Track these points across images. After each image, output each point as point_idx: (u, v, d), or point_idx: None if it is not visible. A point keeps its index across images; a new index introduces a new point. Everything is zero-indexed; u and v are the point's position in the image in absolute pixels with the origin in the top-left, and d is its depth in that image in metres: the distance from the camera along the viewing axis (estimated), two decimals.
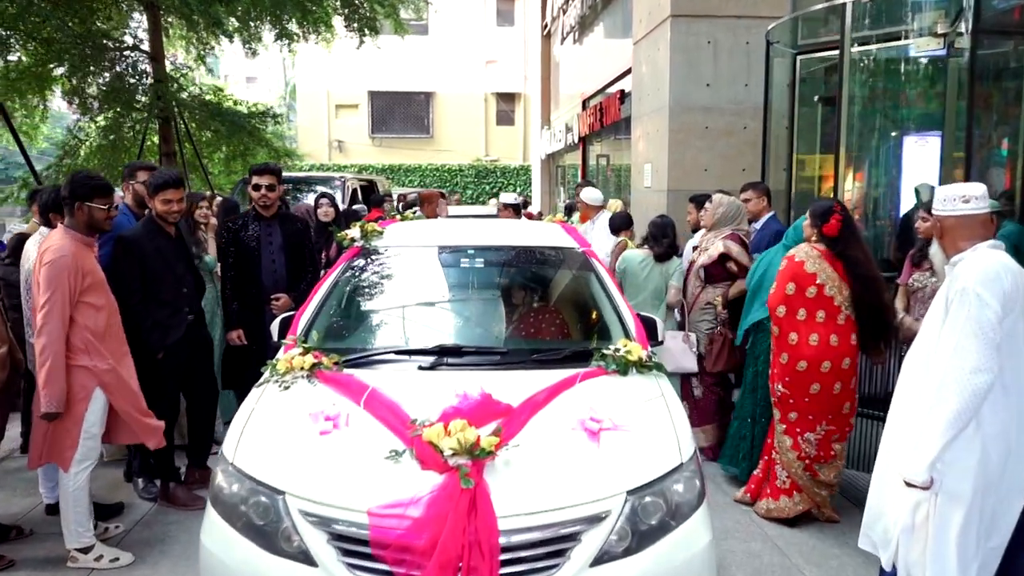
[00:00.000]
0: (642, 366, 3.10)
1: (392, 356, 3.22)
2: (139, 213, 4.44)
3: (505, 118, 28.42)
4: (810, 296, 3.96)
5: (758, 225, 5.41)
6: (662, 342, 3.65)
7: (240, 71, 51.70)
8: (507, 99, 28.16)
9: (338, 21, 15.68)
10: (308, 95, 27.23)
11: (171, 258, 4.10)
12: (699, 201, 5.45)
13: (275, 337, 3.49)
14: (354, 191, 11.33)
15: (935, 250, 2.94)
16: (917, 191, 5.82)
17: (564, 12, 16.70)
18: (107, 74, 13.34)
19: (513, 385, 2.85)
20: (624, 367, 3.06)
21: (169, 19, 13.93)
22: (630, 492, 2.43)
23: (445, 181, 26.69)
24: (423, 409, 2.62)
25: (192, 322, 4.22)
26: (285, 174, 14.43)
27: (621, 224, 6.41)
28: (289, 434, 2.64)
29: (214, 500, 2.55)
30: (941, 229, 2.80)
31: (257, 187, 4.67)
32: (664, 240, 5.28)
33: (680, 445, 2.65)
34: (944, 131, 5.83)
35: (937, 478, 2.55)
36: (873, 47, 5.79)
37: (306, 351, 3.08)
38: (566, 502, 2.35)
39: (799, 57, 6.44)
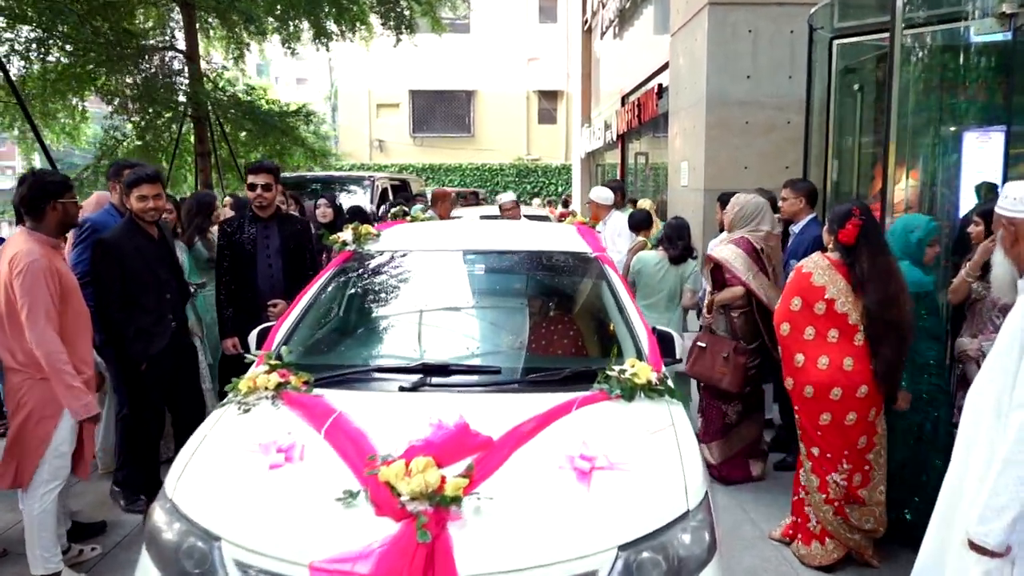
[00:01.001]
0: (651, 390, 2.71)
1: (372, 374, 2.89)
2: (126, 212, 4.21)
3: (547, 116, 28.05)
4: (819, 312, 3.49)
5: (796, 228, 4.95)
6: (680, 360, 3.25)
7: (290, 73, 52.44)
8: (549, 97, 27.79)
9: (375, 20, 15.59)
10: (349, 95, 27.26)
11: (153, 261, 3.85)
12: (724, 200, 5.03)
13: (252, 348, 3.20)
14: (384, 191, 11.06)
15: (1000, 261, 2.44)
16: (978, 190, 5.28)
17: (604, 6, 16.24)
18: (142, 73, 13.40)
19: (501, 411, 2.49)
20: (630, 392, 2.67)
21: (208, 19, 13.94)
22: (623, 547, 2.04)
23: (486, 181, 26.45)
24: (393, 440, 2.28)
25: (176, 329, 3.96)
26: (311, 174, 14.32)
27: (640, 223, 6.04)
28: (235, 467, 2.32)
29: (149, 542, 2.24)
30: (1015, 235, 2.33)
31: (253, 187, 4.39)
32: (679, 242, 5.07)
33: (688, 488, 2.24)
34: (1010, 125, 5.27)
35: (1015, 545, 2.10)
36: (927, 30, 5.26)
37: (272, 368, 2.76)
38: (543, 559, 1.97)
39: (836, 42, 5.94)
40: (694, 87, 7.94)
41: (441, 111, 27.65)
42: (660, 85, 10.58)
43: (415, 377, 2.80)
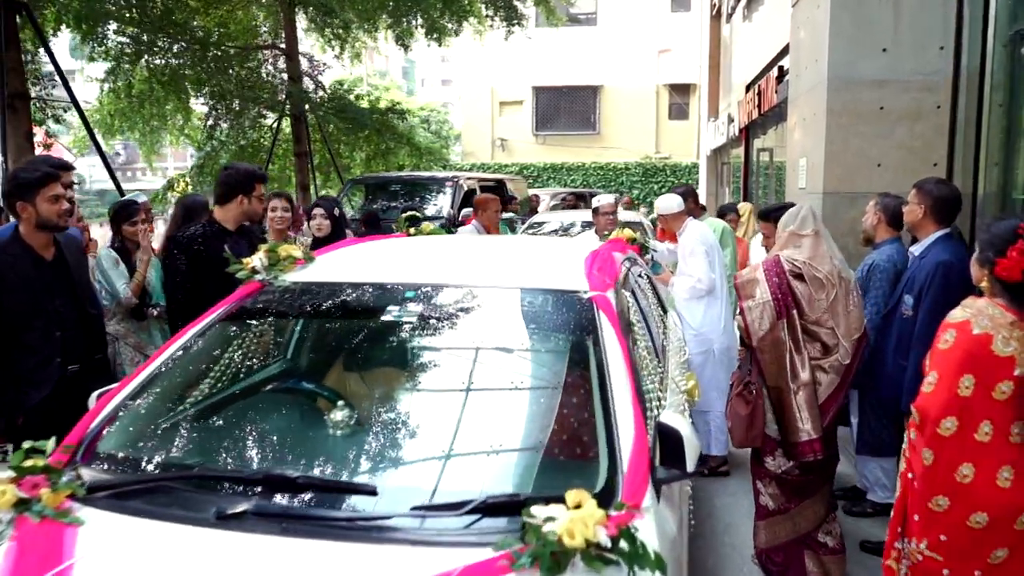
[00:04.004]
0: (595, 559, 1.54)
1: (184, 487, 1.89)
2: None
3: (678, 111, 26.30)
4: (1000, 398, 2.15)
5: (916, 250, 3.53)
6: (692, 473, 2.02)
7: (436, 74, 53.38)
8: (681, 91, 26.01)
9: (484, 11, 14.84)
10: (471, 93, 26.73)
11: (40, 291, 3.04)
12: (772, 216, 3.74)
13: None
14: (470, 193, 10.13)
15: None
16: None
17: None
18: (246, 71, 13.29)
19: None
20: (549, 565, 1.51)
21: (317, 19, 13.64)
22: None
23: (610, 180, 25.14)
24: None
25: (74, 376, 3.13)
26: (390, 174, 13.69)
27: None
28: None
29: None
30: None
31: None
32: None
33: None
34: None
35: None
36: None
37: (20, 473, 1.82)
38: None
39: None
40: (815, 66, 6.40)
41: (565, 108, 26.54)
42: (781, 68, 8.98)
43: (243, 499, 1.78)
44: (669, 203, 5.11)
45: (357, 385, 2.32)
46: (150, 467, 2.00)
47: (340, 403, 2.20)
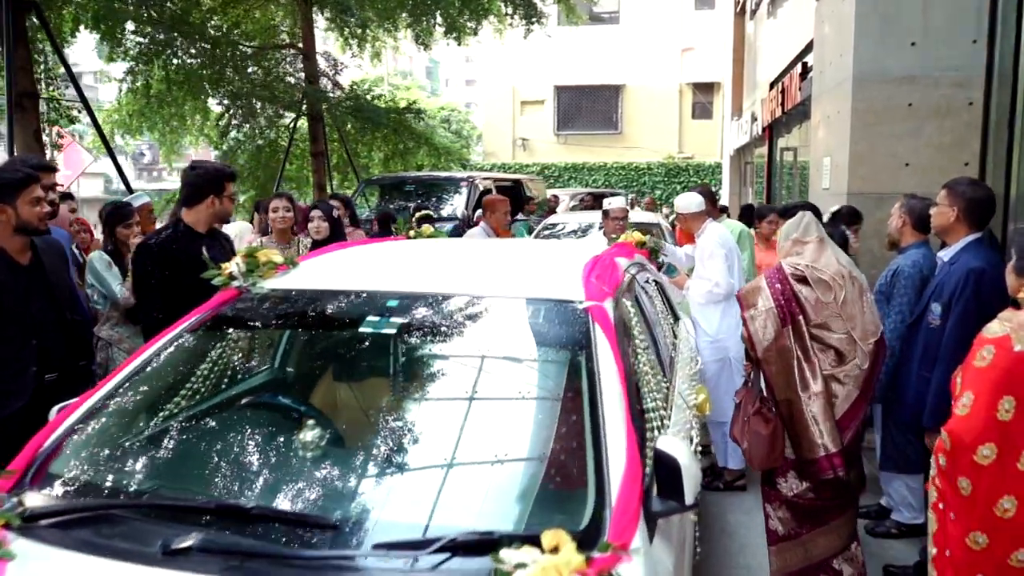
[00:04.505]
0: None
1: (131, 515, 1.73)
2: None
3: (702, 111, 25.95)
4: None
5: (946, 255, 3.29)
6: (691, 506, 1.82)
7: (460, 74, 53.35)
8: (704, 90, 25.66)
9: (503, 9, 14.69)
10: (492, 92, 26.58)
11: (16, 297, 2.90)
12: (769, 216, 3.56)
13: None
14: (483, 194, 9.94)
15: None
16: None
17: None
18: (263, 69, 13.24)
19: None
20: None
21: (336, 18, 13.56)
22: None
23: (632, 181, 24.86)
24: None
25: (52, 385, 2.99)
26: (405, 174, 13.56)
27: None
28: None
29: None
30: None
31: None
32: None
33: None
34: None
35: None
36: None
37: None
38: None
39: None
40: (840, 61, 6.14)
41: (587, 107, 26.29)
42: (805, 64, 8.70)
43: (193, 531, 1.62)
44: (689, 202, 4.87)
45: (330, 404, 2.15)
46: (102, 492, 1.85)
47: (310, 424, 2.04)
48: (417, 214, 6.14)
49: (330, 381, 2.29)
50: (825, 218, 4.79)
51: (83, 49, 16.30)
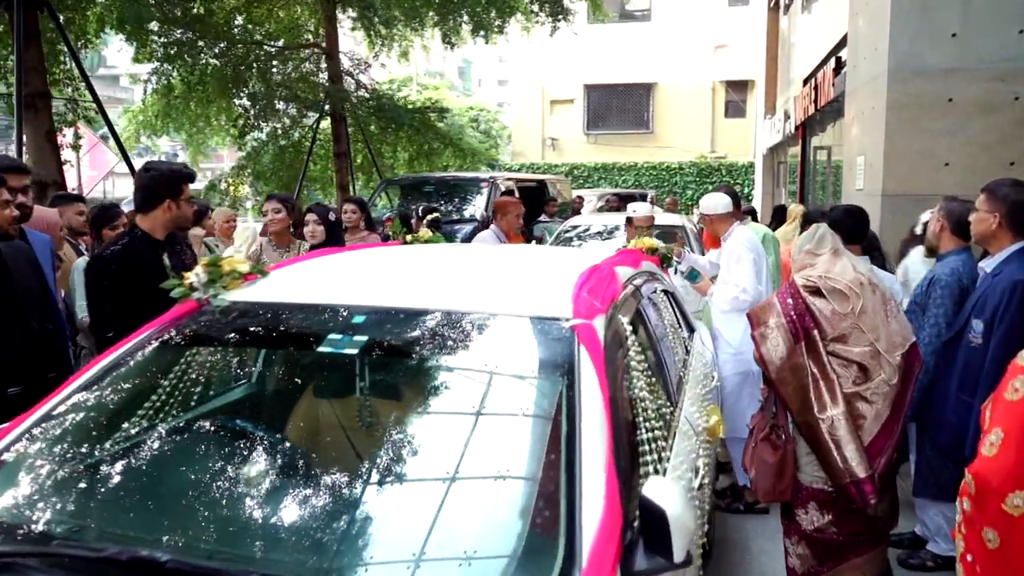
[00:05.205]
0: None
1: (40, 568, 1.52)
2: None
3: (735, 109, 25.39)
4: None
5: (988, 266, 2.97)
6: (680, 564, 1.55)
7: (493, 74, 53.30)
8: (738, 88, 25.11)
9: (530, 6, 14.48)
10: (522, 92, 26.33)
11: None
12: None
13: None
14: (504, 195, 9.70)
15: None
16: None
17: None
18: (287, 68, 13.17)
19: None
20: None
21: (362, 17, 13.44)
22: None
23: (663, 180, 24.41)
24: None
25: (17, 399, 2.81)
26: (422, 175, 13.37)
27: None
28: None
29: None
30: None
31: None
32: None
33: None
34: None
35: None
36: None
37: None
38: None
39: None
40: (874, 55, 5.79)
41: (617, 106, 25.88)
42: (839, 59, 8.31)
43: None
44: (716, 202, 4.55)
45: (283, 433, 1.92)
46: (15, 535, 1.64)
47: (255, 459, 1.81)
48: (428, 216, 5.92)
49: (285, 407, 2.06)
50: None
51: (119, 50, 16.44)
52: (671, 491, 1.61)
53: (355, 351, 1.97)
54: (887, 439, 2.84)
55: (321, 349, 2.01)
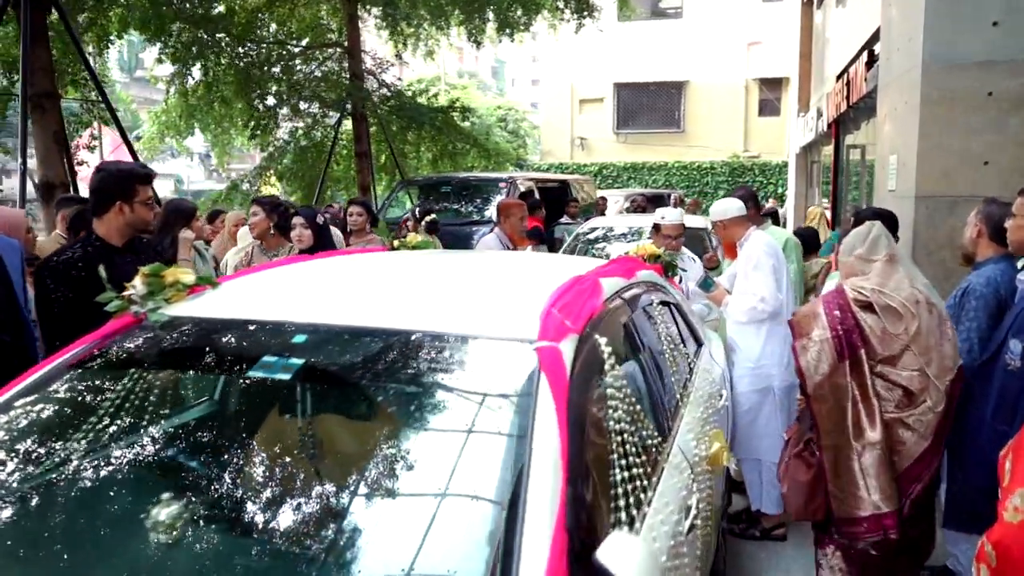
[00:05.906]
0: None
1: None
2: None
3: (769, 108, 24.85)
4: None
5: None
6: None
7: (526, 74, 53.15)
8: (772, 85, 24.56)
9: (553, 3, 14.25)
10: (551, 91, 26.08)
11: None
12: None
13: None
14: (523, 195, 9.44)
15: None
16: None
17: None
18: (310, 67, 13.09)
19: None
20: None
21: (387, 17, 13.30)
22: None
23: (694, 181, 23.97)
24: None
25: None
26: (440, 175, 13.14)
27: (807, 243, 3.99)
28: None
29: None
30: None
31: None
32: None
33: None
34: None
35: None
36: None
37: None
38: None
39: None
40: (908, 46, 5.42)
41: (648, 105, 25.48)
42: (871, 52, 7.90)
43: None
44: (725, 207, 4.23)
45: (201, 469, 1.69)
46: None
47: (172, 496, 1.59)
48: (426, 218, 5.71)
49: (214, 437, 1.84)
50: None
51: (150, 51, 16.56)
52: (633, 552, 1.36)
53: (288, 376, 1.74)
54: (925, 469, 2.63)
55: (253, 373, 1.78)
